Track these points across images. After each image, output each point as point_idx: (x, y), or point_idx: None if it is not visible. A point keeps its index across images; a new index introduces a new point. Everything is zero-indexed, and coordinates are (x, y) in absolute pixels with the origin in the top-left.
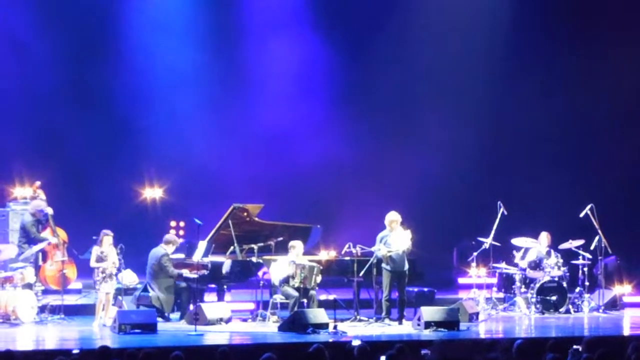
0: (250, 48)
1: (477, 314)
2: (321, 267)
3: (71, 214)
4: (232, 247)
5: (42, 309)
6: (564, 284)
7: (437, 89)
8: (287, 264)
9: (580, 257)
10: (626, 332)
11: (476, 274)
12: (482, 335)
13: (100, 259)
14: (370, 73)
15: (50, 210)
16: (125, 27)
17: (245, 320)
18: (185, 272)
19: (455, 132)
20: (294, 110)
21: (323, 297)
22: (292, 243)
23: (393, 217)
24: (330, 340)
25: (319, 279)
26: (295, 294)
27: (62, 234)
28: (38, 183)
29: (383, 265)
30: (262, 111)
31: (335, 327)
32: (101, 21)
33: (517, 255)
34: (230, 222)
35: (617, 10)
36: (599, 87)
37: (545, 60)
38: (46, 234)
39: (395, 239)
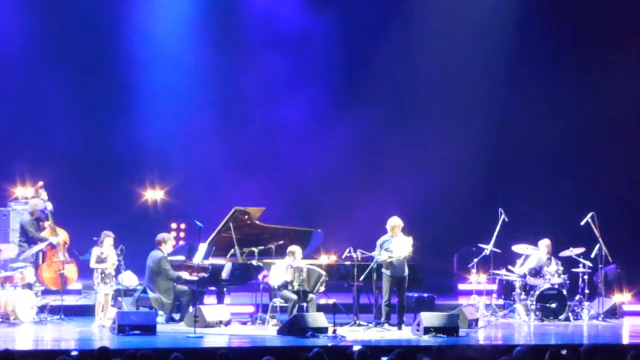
0: (252, 51)
1: (476, 320)
2: (327, 279)
3: (72, 214)
4: (232, 250)
5: (41, 309)
6: (564, 292)
7: (439, 97)
8: (285, 269)
9: (581, 265)
10: (625, 340)
11: (476, 280)
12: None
13: (100, 260)
14: (375, 80)
15: (49, 206)
16: (127, 29)
17: (244, 323)
18: (185, 275)
19: (457, 140)
20: (296, 114)
21: (323, 301)
22: (290, 249)
23: (395, 222)
24: (329, 344)
25: (322, 288)
26: (294, 297)
27: (64, 234)
28: (40, 183)
29: (383, 270)
30: (264, 115)
31: (334, 332)
32: (103, 26)
33: (518, 262)
34: (231, 224)
35: (620, 23)
36: (602, 95)
37: (548, 69)
38: (46, 233)
39: (396, 244)
